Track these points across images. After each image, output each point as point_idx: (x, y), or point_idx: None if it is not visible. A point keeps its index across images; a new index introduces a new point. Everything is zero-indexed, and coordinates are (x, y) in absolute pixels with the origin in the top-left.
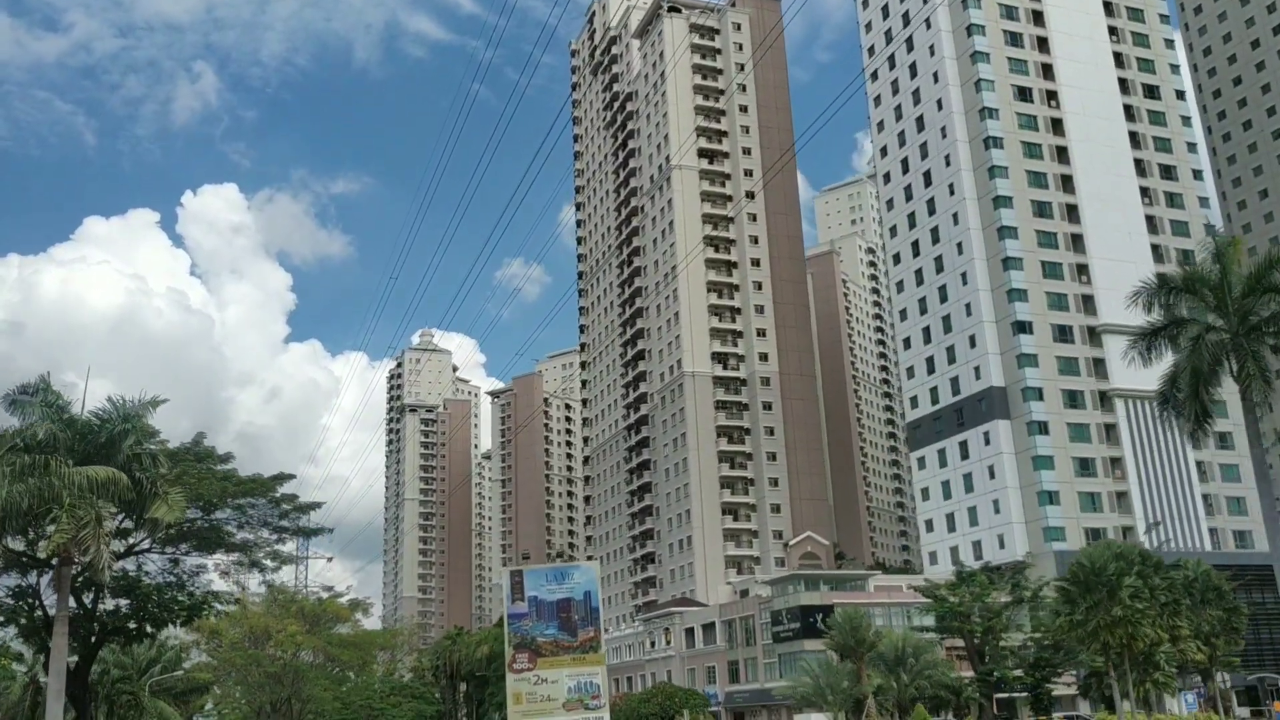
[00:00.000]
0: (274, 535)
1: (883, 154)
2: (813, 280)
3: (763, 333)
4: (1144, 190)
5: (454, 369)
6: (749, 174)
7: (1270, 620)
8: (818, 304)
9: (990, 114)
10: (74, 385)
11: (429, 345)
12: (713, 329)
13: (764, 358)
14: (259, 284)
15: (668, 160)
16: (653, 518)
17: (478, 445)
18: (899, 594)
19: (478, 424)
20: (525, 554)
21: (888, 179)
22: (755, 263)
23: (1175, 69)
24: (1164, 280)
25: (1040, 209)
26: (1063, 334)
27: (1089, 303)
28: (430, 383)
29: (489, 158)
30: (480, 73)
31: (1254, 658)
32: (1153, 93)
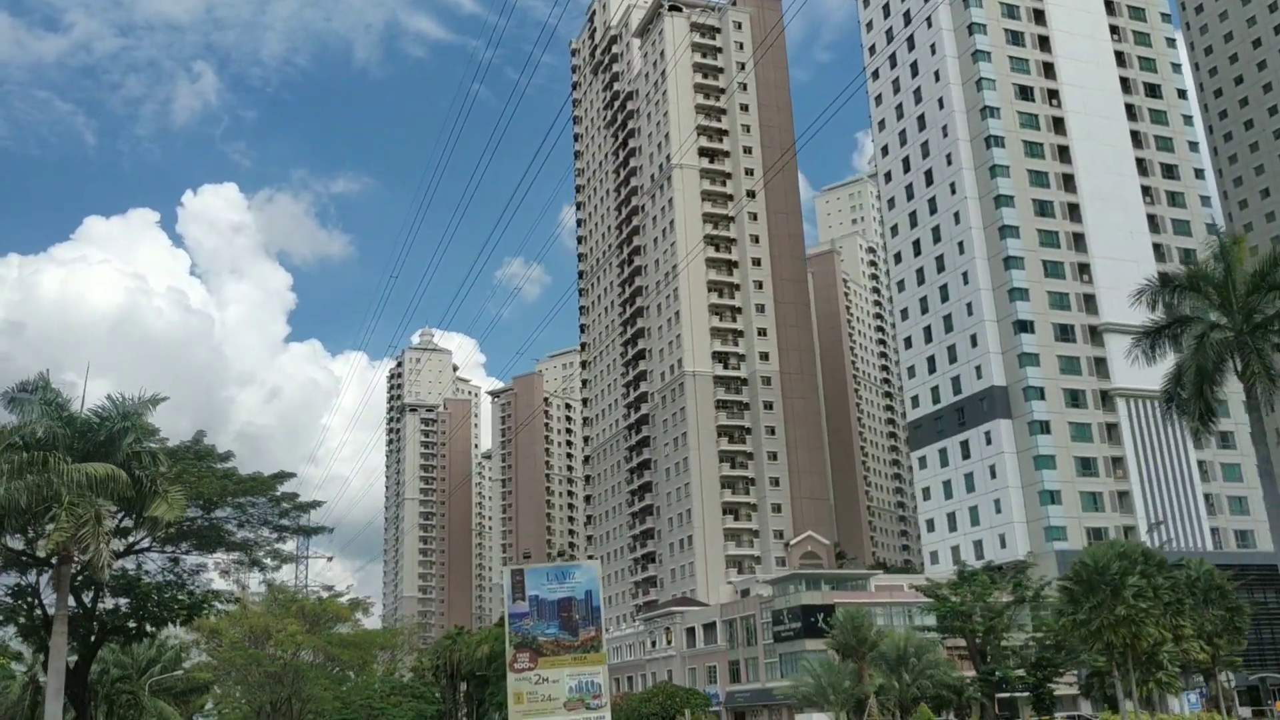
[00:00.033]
0: (274, 534)
1: (884, 153)
2: (813, 280)
3: (763, 332)
4: (1145, 189)
5: (454, 368)
6: (750, 173)
7: (1272, 620)
8: (818, 303)
9: (991, 113)
10: (74, 385)
11: (429, 345)
12: (713, 328)
13: (765, 357)
14: (259, 284)
15: (668, 159)
16: (653, 517)
17: (478, 445)
18: (900, 593)
19: (478, 424)
20: (526, 553)
21: (889, 178)
22: (756, 262)
23: (1177, 68)
24: (1168, 278)
25: (1042, 208)
26: (1064, 333)
27: (1090, 302)
28: (430, 382)
29: (489, 158)
30: (480, 72)
31: (1255, 658)
32: (1154, 91)
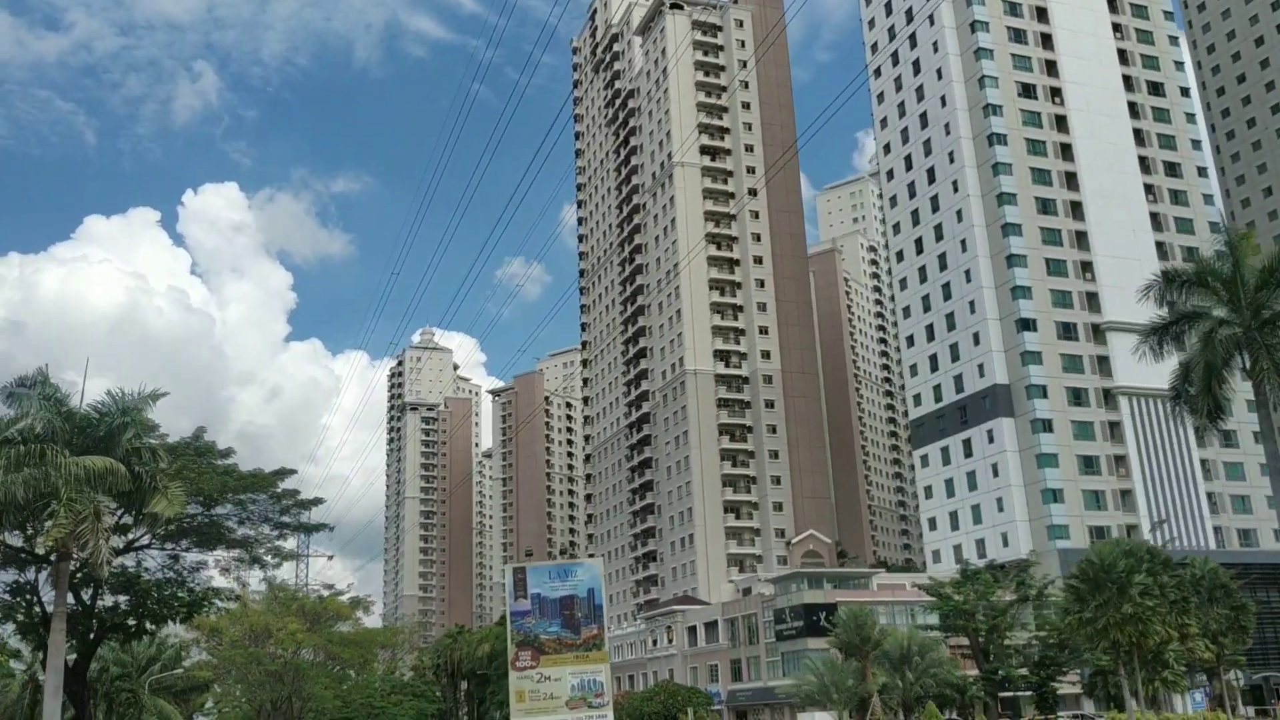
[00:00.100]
0: (275, 531)
1: (885, 151)
2: (814, 279)
3: (765, 330)
4: (1148, 187)
5: (455, 367)
6: (751, 171)
7: (1275, 619)
8: (819, 302)
9: (994, 111)
10: (74, 384)
11: (430, 344)
12: (714, 326)
13: (766, 355)
14: (259, 283)
15: (669, 157)
16: (654, 516)
17: (478, 444)
18: (902, 592)
19: (478, 422)
20: (528, 551)
21: (891, 176)
22: (757, 260)
23: (1179, 65)
24: (1176, 274)
25: (1044, 206)
26: (1067, 331)
27: (1093, 300)
28: (431, 381)
29: (489, 157)
30: (481, 72)
31: (1258, 657)
32: (1157, 89)
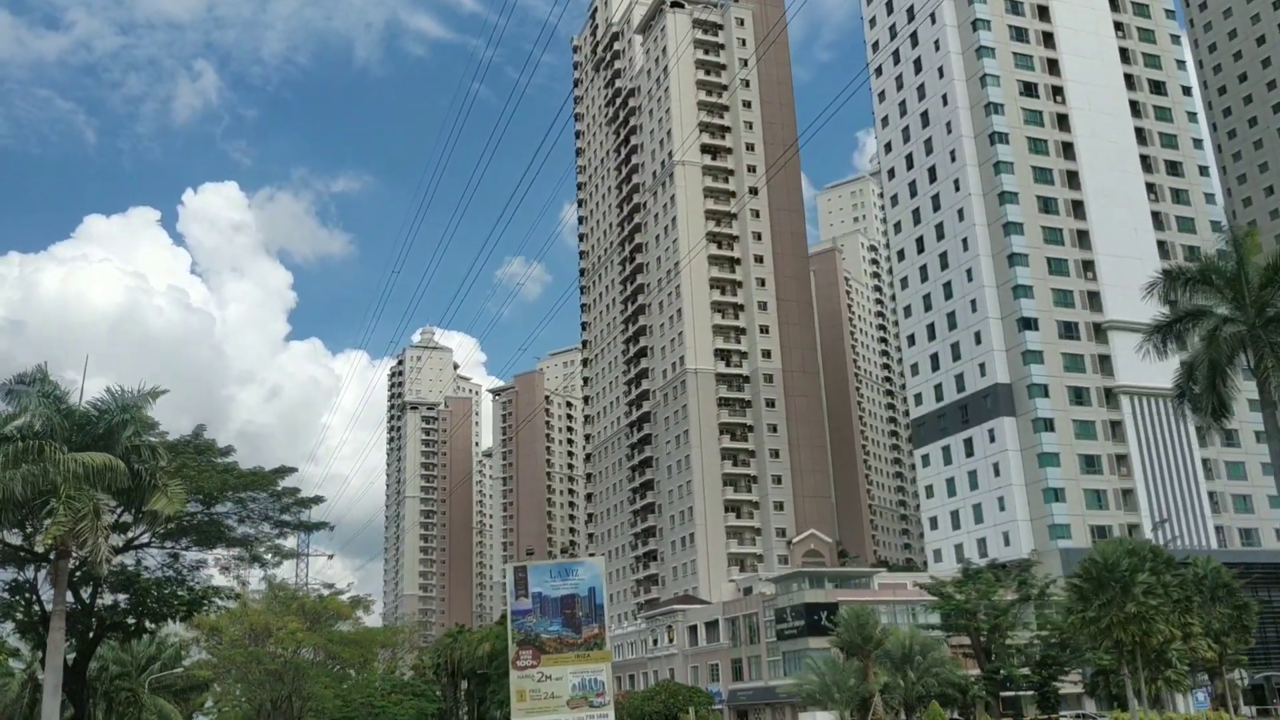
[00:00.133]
0: (275, 530)
1: (887, 150)
2: (815, 278)
3: (766, 329)
4: (1150, 186)
5: (455, 366)
6: (752, 170)
7: (1277, 619)
8: (820, 301)
9: (995, 109)
10: (74, 383)
11: (430, 343)
12: (715, 326)
13: (767, 354)
14: (259, 282)
15: (670, 156)
16: (655, 515)
17: (479, 443)
18: (903, 591)
19: (479, 422)
20: (529, 550)
21: (892, 175)
22: (758, 259)
23: (1181, 64)
24: (1180, 271)
25: (1045, 205)
26: (1068, 330)
27: (1094, 299)
28: (431, 380)
29: (489, 156)
30: (481, 71)
31: (1260, 656)
32: (1158, 88)
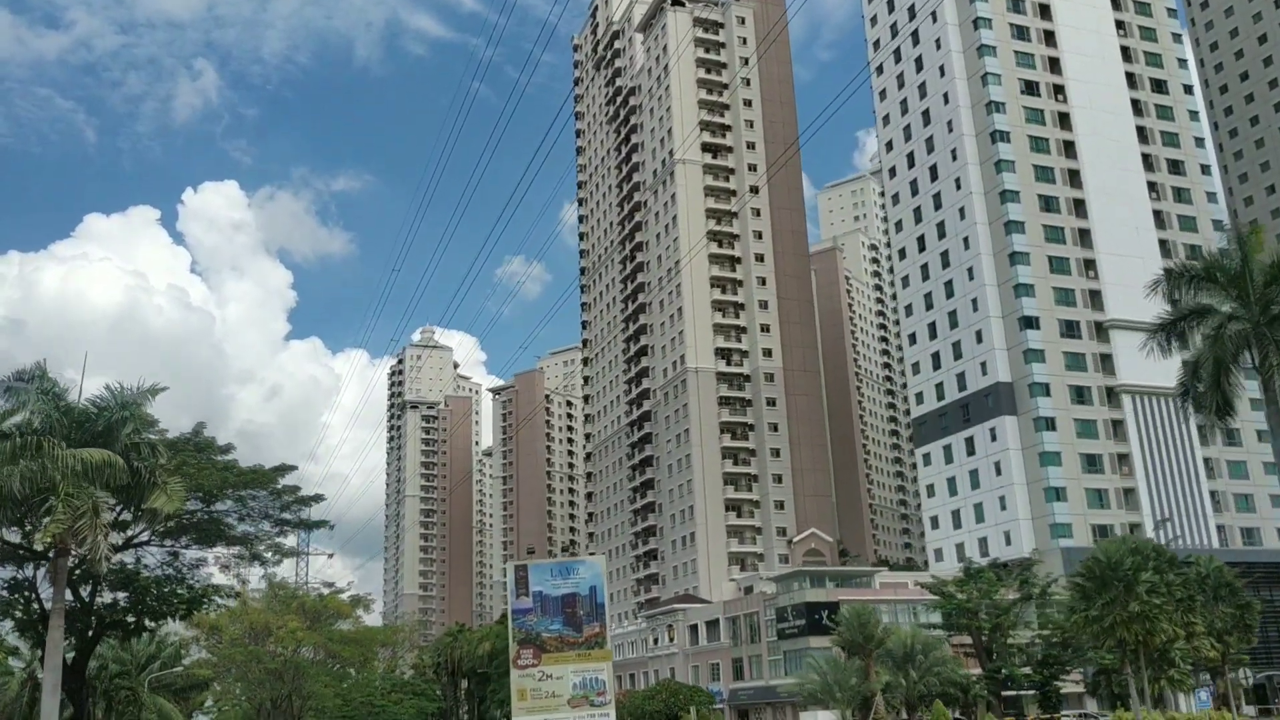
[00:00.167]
0: (275, 528)
1: (888, 148)
2: (816, 277)
3: (766, 328)
4: (1151, 185)
5: (455, 366)
6: (753, 168)
7: (1279, 618)
8: (820, 301)
9: (997, 108)
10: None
11: (430, 342)
12: (716, 324)
13: (768, 353)
14: (259, 281)
15: (671, 155)
16: (655, 514)
17: (479, 442)
18: (904, 591)
19: (479, 421)
20: (530, 548)
21: (893, 173)
22: (759, 258)
23: (1183, 63)
24: (1184, 269)
25: (1047, 203)
26: (1070, 329)
27: (1096, 298)
28: (431, 379)
29: (490, 155)
30: (481, 71)
31: (1262, 655)
32: (1160, 87)
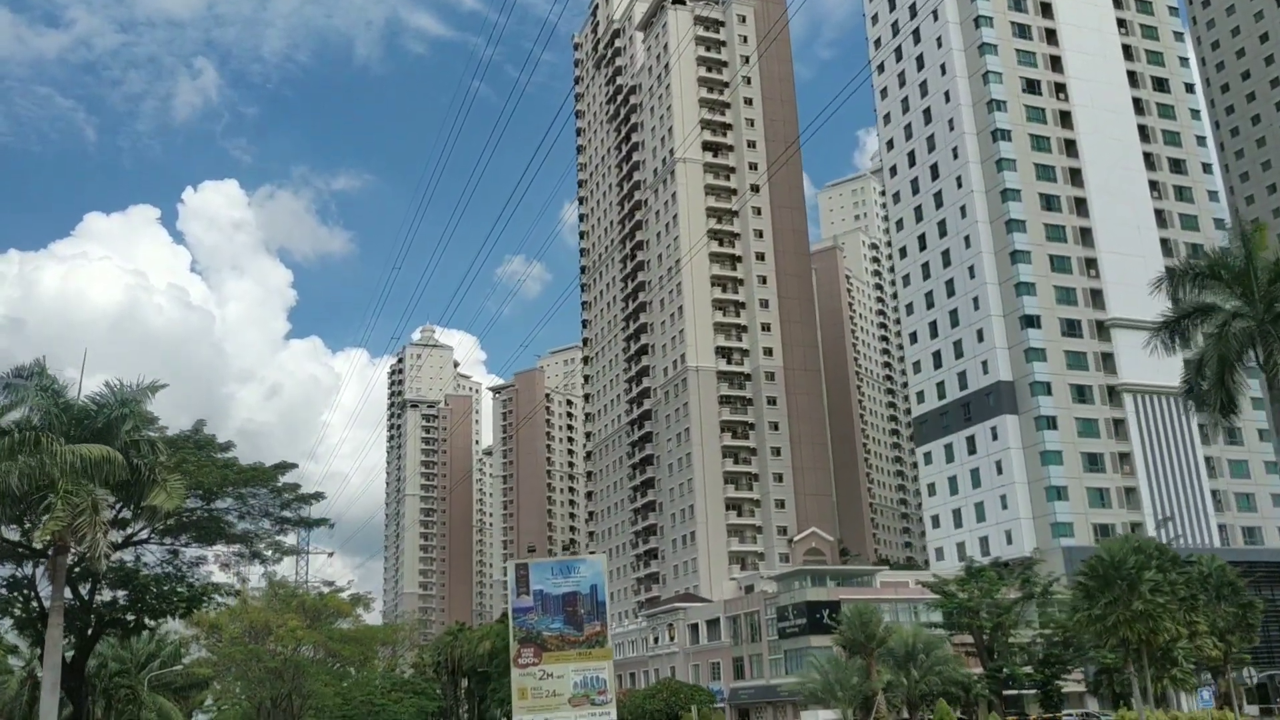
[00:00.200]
0: (275, 526)
1: (889, 147)
2: (816, 276)
3: (767, 327)
4: (1152, 183)
5: (455, 365)
6: (754, 167)
7: None
8: (821, 300)
9: (998, 106)
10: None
11: (430, 341)
12: (716, 323)
13: (768, 352)
14: (260, 280)
15: (671, 153)
16: (656, 513)
17: (479, 441)
18: (905, 590)
19: (479, 420)
20: (531, 547)
21: (894, 172)
22: (760, 257)
23: (1184, 62)
24: (1188, 267)
25: (1048, 202)
26: (1071, 328)
27: (1097, 297)
28: (431, 378)
29: (490, 154)
30: (481, 70)
31: (1263, 655)
32: (1161, 86)
